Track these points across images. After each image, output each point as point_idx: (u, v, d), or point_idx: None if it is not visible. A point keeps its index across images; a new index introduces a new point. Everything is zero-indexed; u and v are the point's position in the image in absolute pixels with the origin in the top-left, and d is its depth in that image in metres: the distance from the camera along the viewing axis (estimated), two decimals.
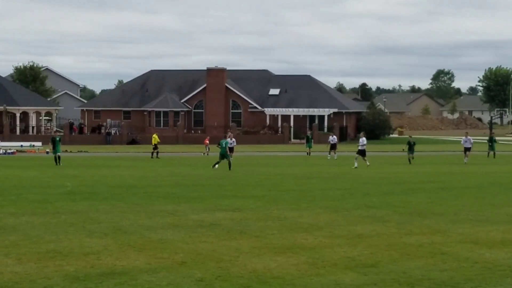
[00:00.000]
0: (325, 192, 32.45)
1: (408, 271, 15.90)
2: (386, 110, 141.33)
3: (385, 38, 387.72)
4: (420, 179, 40.17)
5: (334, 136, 66.52)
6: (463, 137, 56.72)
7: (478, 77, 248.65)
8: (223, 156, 46.48)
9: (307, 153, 69.87)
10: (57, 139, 51.98)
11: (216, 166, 46.08)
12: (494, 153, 63.02)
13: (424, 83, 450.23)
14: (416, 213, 25.32)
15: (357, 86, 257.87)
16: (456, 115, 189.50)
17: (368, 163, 49.58)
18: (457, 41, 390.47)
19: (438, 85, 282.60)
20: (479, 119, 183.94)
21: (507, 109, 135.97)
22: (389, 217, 24.37)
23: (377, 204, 27.85)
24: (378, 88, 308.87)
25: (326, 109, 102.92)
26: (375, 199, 29.76)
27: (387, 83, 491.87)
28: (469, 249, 18.51)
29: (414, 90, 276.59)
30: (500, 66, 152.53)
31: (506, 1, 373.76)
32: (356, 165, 49.21)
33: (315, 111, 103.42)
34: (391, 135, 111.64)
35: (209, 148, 71.01)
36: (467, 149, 55.09)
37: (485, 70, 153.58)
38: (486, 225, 22.77)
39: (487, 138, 70.97)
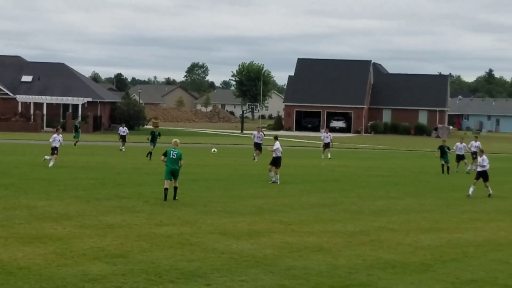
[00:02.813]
0: (76, 182, 32.05)
1: (156, 261, 16.07)
2: (141, 101, 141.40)
3: (142, 29, 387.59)
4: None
5: (329, 134, 58.01)
6: (457, 143, 46.82)
7: (232, 71, 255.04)
8: None
9: (75, 143, 64.45)
10: None
11: None
12: (448, 167, 45.01)
13: (179, 76, 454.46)
14: (167, 204, 25.59)
15: (112, 76, 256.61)
16: (210, 108, 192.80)
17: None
18: (212, 35, 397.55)
19: (192, 78, 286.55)
20: (232, 113, 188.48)
21: (258, 104, 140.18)
22: (140, 208, 24.50)
23: (129, 195, 27.89)
24: (133, 79, 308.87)
25: (81, 98, 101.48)
26: (128, 189, 29.79)
27: (142, 74, 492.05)
28: (217, 240, 18.97)
29: (169, 82, 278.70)
30: (253, 61, 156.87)
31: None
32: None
33: (69, 100, 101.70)
34: (145, 126, 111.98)
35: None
36: (460, 157, 46.31)
37: (239, 65, 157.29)
38: (234, 216, 23.44)
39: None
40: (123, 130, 59.67)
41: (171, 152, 26.81)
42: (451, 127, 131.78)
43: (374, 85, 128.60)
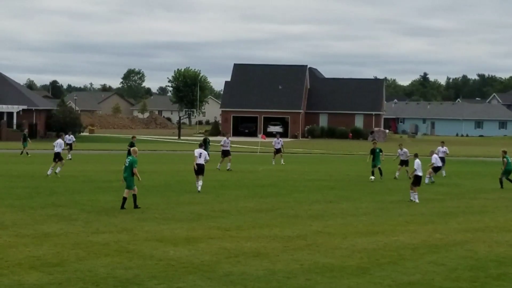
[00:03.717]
0: (11, 191, 31.65)
1: (93, 270, 15.94)
2: (77, 108, 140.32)
3: (77, 35, 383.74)
4: (108, 177, 40.21)
5: (280, 139, 57.60)
6: (398, 150, 45.03)
7: (168, 77, 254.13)
8: None
9: (22, 152, 61.61)
10: None
11: None
12: (380, 171, 42.61)
13: (116, 82, 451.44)
14: (104, 212, 25.42)
15: (48, 83, 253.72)
16: (147, 115, 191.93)
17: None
18: (148, 41, 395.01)
19: (129, 84, 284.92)
20: (169, 119, 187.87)
21: (195, 110, 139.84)
22: (77, 216, 24.28)
23: (64, 203, 27.63)
24: (69, 86, 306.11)
25: (15, 106, 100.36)
26: (63, 197, 29.51)
27: (78, 81, 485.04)
28: (154, 247, 18.89)
29: (105, 88, 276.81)
30: (189, 67, 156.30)
31: (195, 5, 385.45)
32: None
33: (4, 108, 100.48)
34: (82, 133, 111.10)
35: None
36: (403, 163, 43.95)
37: (175, 71, 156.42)
38: (172, 223, 23.37)
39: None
40: (69, 138, 59.06)
41: (126, 160, 27.06)
42: (387, 130, 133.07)
43: (310, 90, 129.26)
